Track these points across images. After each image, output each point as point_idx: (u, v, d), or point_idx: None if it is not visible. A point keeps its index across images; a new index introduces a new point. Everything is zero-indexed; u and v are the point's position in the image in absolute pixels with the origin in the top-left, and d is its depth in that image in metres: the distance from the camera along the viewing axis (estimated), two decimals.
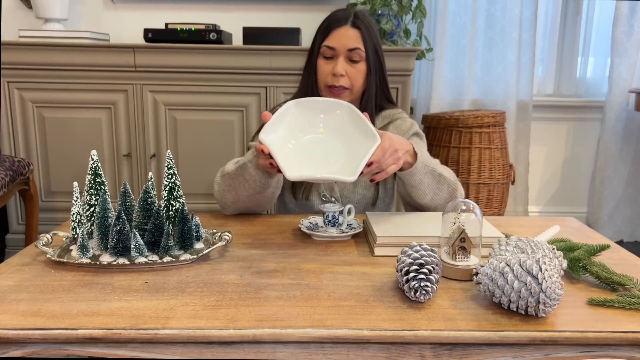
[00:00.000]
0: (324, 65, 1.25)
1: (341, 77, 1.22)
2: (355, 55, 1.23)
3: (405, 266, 0.78)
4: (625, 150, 2.71)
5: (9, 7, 2.51)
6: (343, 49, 1.23)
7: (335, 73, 1.22)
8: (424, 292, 0.75)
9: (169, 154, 0.95)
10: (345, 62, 1.24)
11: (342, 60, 1.23)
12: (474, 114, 2.36)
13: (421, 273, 0.76)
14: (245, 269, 0.89)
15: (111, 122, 2.23)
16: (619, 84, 2.61)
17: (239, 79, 2.19)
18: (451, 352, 0.71)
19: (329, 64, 1.25)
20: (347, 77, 1.23)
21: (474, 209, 0.86)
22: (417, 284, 0.75)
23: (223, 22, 2.49)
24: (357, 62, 1.24)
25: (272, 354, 0.71)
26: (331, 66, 1.24)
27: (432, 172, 1.13)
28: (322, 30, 1.26)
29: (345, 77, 1.23)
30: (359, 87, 1.26)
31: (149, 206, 0.92)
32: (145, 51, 2.14)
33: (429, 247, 0.80)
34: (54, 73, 2.17)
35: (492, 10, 2.59)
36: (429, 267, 0.76)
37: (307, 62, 1.31)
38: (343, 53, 1.23)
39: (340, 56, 1.23)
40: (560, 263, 0.80)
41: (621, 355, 0.71)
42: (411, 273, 0.76)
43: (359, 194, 1.29)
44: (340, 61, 1.23)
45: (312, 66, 1.28)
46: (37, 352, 0.71)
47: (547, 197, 2.92)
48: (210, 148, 2.25)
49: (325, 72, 1.25)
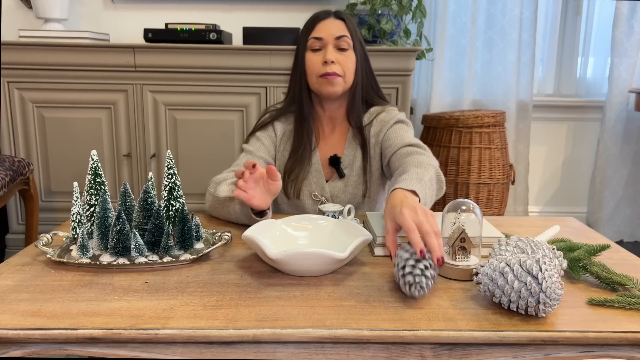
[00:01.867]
0: (313, 57, 1.25)
1: (332, 64, 1.22)
2: (343, 43, 1.24)
3: (402, 261, 0.78)
4: (625, 150, 2.71)
5: (9, 7, 2.51)
6: (330, 38, 1.24)
7: (326, 60, 1.22)
8: (419, 288, 0.75)
9: (169, 154, 0.95)
10: (334, 50, 1.24)
11: (330, 48, 1.23)
12: (474, 114, 2.36)
13: (417, 269, 0.76)
14: (245, 269, 0.89)
15: (111, 122, 2.23)
16: (619, 84, 2.61)
17: (239, 79, 2.19)
18: (451, 352, 0.71)
19: (318, 55, 1.25)
20: (337, 64, 1.23)
21: (474, 209, 0.86)
22: (412, 279, 0.75)
23: (223, 22, 2.49)
24: (346, 49, 1.25)
25: (272, 354, 0.71)
26: (320, 56, 1.24)
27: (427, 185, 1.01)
28: (307, 27, 1.27)
29: (337, 64, 1.23)
30: (351, 74, 1.26)
31: (149, 206, 0.92)
32: (145, 51, 2.14)
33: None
34: (54, 73, 2.17)
35: (492, 10, 2.59)
36: (426, 263, 0.76)
37: (294, 63, 1.32)
38: (331, 42, 1.24)
39: (329, 45, 1.24)
40: (560, 263, 0.80)
41: (621, 355, 0.71)
42: (407, 268, 0.76)
43: (349, 193, 1.30)
44: (329, 49, 1.23)
45: (300, 63, 1.28)
46: (37, 352, 0.71)
47: (547, 197, 2.92)
48: (210, 148, 2.25)
49: (315, 62, 1.25)
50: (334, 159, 1.30)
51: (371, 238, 0.90)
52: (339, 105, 1.32)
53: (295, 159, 1.29)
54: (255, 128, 1.35)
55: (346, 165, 1.31)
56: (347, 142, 1.32)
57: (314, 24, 1.26)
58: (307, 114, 1.30)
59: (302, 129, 1.30)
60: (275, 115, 1.34)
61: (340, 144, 1.33)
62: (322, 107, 1.33)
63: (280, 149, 1.34)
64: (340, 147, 1.33)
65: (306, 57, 1.27)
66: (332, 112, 1.33)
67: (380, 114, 1.31)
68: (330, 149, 1.33)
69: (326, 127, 1.34)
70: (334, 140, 1.34)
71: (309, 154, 1.30)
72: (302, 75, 1.29)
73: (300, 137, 1.30)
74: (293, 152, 1.31)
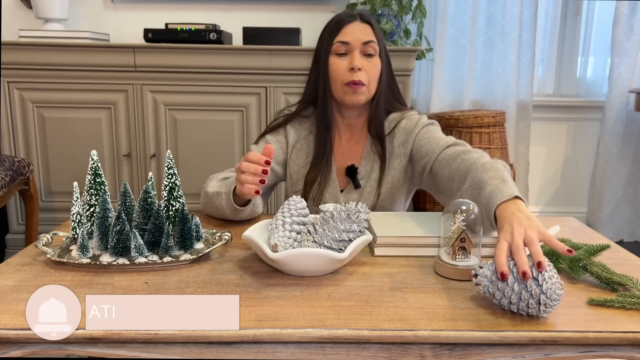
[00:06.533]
0: (337, 62, 1.19)
1: (359, 71, 1.17)
2: (370, 49, 1.18)
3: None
4: (625, 150, 2.71)
5: (9, 7, 2.51)
6: (357, 43, 1.17)
7: (353, 67, 1.16)
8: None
9: (169, 154, 0.95)
10: (361, 56, 1.18)
11: (357, 54, 1.17)
12: (474, 114, 2.36)
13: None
14: (245, 269, 0.89)
15: (111, 122, 2.23)
16: (619, 84, 2.61)
17: (239, 79, 2.19)
18: (451, 352, 0.71)
19: (344, 60, 1.18)
20: (364, 71, 1.18)
21: (474, 209, 0.86)
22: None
23: (223, 22, 2.49)
24: (372, 56, 1.19)
25: (272, 354, 0.71)
26: (346, 62, 1.18)
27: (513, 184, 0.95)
28: (332, 28, 1.21)
29: (363, 72, 1.17)
30: (375, 82, 1.21)
31: (149, 206, 0.92)
32: (145, 51, 2.14)
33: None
34: (54, 73, 2.17)
35: (492, 10, 2.59)
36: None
37: (313, 64, 1.25)
38: (358, 47, 1.18)
39: (355, 50, 1.18)
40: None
41: (621, 355, 0.71)
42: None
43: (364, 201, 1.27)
44: (356, 55, 1.17)
45: (322, 67, 1.22)
46: (37, 352, 0.71)
47: (547, 197, 2.92)
48: (210, 148, 2.25)
49: (340, 68, 1.18)
50: (351, 170, 1.25)
51: (371, 238, 0.90)
52: (359, 113, 1.26)
53: (318, 169, 1.25)
54: (266, 130, 1.30)
55: (362, 176, 1.25)
56: (364, 152, 1.26)
57: (339, 27, 1.20)
58: (331, 121, 1.24)
59: (325, 138, 1.25)
60: (288, 118, 1.29)
61: (357, 153, 1.27)
62: (340, 114, 1.27)
63: (293, 157, 1.28)
64: (357, 157, 1.27)
65: (330, 61, 1.20)
66: (351, 120, 1.27)
67: (402, 122, 1.25)
68: (346, 157, 1.27)
69: (343, 135, 1.29)
70: (351, 149, 1.28)
71: (330, 164, 1.26)
72: (324, 78, 1.22)
73: (323, 146, 1.25)
74: (315, 162, 1.25)
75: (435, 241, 0.95)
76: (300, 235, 0.91)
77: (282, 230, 0.89)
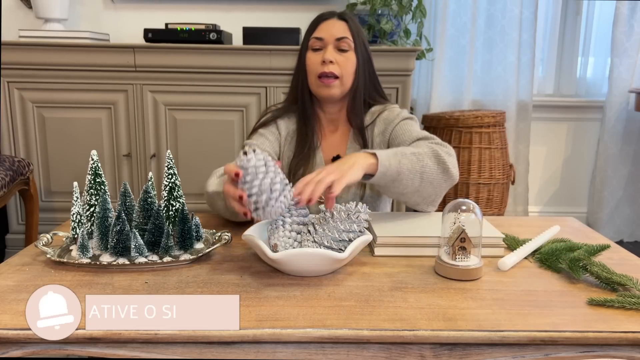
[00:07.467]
0: (312, 57, 1.26)
1: (330, 64, 1.22)
2: (344, 44, 1.24)
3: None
4: (625, 150, 2.71)
5: (9, 7, 2.51)
6: (331, 39, 1.24)
7: (324, 59, 1.22)
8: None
9: (169, 154, 0.95)
10: (334, 51, 1.24)
11: (330, 48, 1.23)
12: (474, 114, 2.36)
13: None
14: (245, 269, 0.89)
15: (111, 122, 2.23)
16: (619, 84, 2.61)
17: (239, 79, 2.19)
18: (451, 352, 0.71)
19: (318, 55, 1.25)
20: (336, 64, 1.23)
21: (474, 209, 0.86)
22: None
23: (223, 22, 2.49)
24: (346, 51, 1.24)
25: (272, 354, 0.71)
26: (320, 56, 1.24)
27: (404, 155, 1.04)
28: (310, 26, 1.28)
29: (335, 65, 1.23)
30: (349, 76, 1.26)
31: (149, 206, 0.92)
32: (145, 51, 2.14)
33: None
34: (54, 73, 2.16)
35: (492, 10, 2.59)
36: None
37: (297, 64, 1.32)
38: (331, 42, 1.24)
39: (329, 45, 1.24)
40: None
41: (621, 355, 0.71)
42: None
43: (351, 193, 1.29)
44: (329, 49, 1.23)
45: (302, 64, 1.29)
46: (37, 352, 0.71)
47: (547, 197, 2.92)
48: (210, 148, 2.25)
49: (314, 62, 1.25)
50: (336, 159, 1.29)
51: (371, 238, 0.90)
52: (339, 108, 1.32)
53: (300, 158, 1.29)
54: (257, 126, 1.34)
55: None
56: (348, 143, 1.32)
57: (316, 24, 1.27)
58: (310, 113, 1.30)
59: (306, 128, 1.30)
60: (277, 114, 1.34)
61: (342, 145, 1.33)
62: (322, 110, 1.33)
63: (285, 149, 1.34)
64: (343, 148, 1.32)
65: (307, 56, 1.27)
66: (333, 115, 1.33)
67: (383, 113, 1.31)
68: (332, 149, 1.33)
69: (327, 128, 1.34)
70: (336, 141, 1.34)
71: (313, 152, 1.30)
72: (303, 74, 1.29)
73: (304, 136, 1.30)
74: (298, 151, 1.30)
75: (435, 241, 0.95)
76: (301, 235, 0.91)
77: (282, 230, 0.89)
